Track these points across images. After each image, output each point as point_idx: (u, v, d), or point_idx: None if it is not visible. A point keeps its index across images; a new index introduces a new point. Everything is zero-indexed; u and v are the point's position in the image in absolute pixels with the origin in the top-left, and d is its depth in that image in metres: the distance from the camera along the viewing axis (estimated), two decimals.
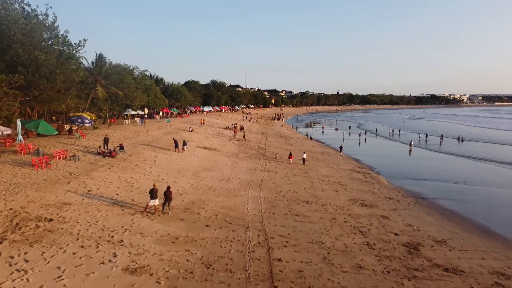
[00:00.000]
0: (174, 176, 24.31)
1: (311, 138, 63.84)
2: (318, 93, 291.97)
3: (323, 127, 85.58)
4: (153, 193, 16.40)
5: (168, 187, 17.16)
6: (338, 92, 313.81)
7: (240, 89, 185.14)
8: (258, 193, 22.84)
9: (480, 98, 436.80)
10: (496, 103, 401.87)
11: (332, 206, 21.78)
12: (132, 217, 15.51)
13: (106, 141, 28.97)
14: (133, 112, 55.64)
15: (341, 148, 47.84)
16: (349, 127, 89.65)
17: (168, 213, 16.72)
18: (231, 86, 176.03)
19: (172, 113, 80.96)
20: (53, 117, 47.59)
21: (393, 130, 78.40)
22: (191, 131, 50.47)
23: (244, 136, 52.65)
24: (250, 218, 17.74)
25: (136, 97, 51.77)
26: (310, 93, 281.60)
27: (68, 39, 31.27)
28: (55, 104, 31.81)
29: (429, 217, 21.66)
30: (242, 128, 65.87)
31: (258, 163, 34.04)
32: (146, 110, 73.98)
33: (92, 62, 44.36)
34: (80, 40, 32.14)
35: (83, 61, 44.51)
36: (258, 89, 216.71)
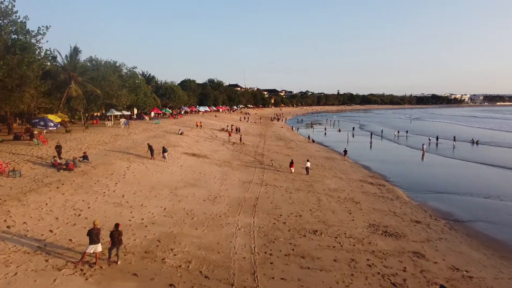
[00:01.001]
0: (144, 196, 19.06)
1: (313, 141, 58.71)
2: (318, 93, 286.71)
3: (325, 129, 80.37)
4: (92, 236, 11.20)
5: (117, 226, 11.92)
6: (338, 92, 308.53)
7: (238, 88, 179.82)
8: (251, 219, 17.64)
9: (481, 98, 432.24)
10: (497, 103, 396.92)
11: (348, 237, 16.59)
12: (56, 275, 10.29)
13: (58, 149, 23.55)
14: (117, 113, 50.31)
15: (345, 152, 42.86)
16: (353, 128, 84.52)
17: (117, 262, 11.52)
18: (230, 85, 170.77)
19: (164, 114, 75.64)
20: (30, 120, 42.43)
21: (398, 132, 73.39)
22: (181, 134, 45.25)
23: (240, 140, 47.45)
24: (237, 265, 12.55)
25: (120, 96, 46.46)
26: (310, 93, 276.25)
27: (25, 26, 26.01)
28: (9, 104, 26.39)
29: (475, 253, 16.53)
30: (238, 130, 60.67)
31: (254, 173, 28.84)
32: (136, 111, 68.82)
33: (66, 56, 39.06)
34: (39, 27, 26.82)
35: (57, 54, 39.41)
36: (258, 89, 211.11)
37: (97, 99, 41.06)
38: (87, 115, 46.16)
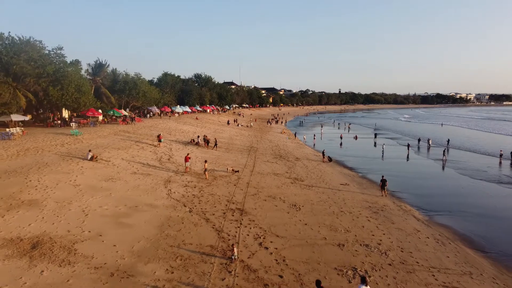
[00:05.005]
0: None
1: (329, 159, 37.79)
2: (319, 92, 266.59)
3: (341, 137, 58.83)
4: None
5: None
6: (340, 91, 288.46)
7: (233, 86, 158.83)
8: None
9: (487, 97, 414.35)
10: (504, 103, 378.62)
11: None
12: None
13: None
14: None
15: (383, 182, 23.23)
16: (375, 135, 63.78)
17: None
18: (225, 83, 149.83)
19: (113, 117, 54.05)
20: None
21: (430, 141, 53.21)
22: (91, 159, 24.12)
23: (205, 170, 25.73)
24: None
25: None
26: (311, 92, 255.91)
27: None
28: None
29: None
30: (207, 142, 39.36)
31: None
32: (66, 113, 47.68)
33: None
34: None
35: None
36: (255, 87, 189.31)
37: None
38: None
